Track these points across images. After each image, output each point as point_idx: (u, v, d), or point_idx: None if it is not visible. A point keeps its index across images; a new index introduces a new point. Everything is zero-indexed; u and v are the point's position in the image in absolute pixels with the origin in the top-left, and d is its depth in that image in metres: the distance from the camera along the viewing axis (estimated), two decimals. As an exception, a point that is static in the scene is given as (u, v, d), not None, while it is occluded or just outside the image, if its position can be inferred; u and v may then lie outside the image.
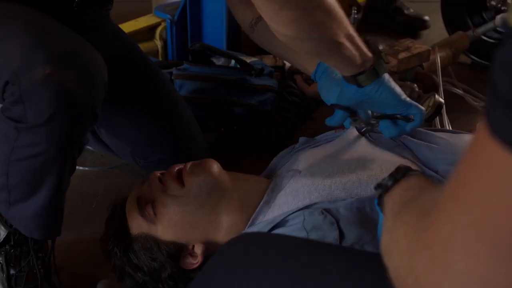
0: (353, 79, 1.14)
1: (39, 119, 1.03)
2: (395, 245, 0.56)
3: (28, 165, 1.10)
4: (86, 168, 1.71)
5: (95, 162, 1.74)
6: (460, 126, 1.91)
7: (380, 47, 1.16)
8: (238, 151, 1.77)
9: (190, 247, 1.19)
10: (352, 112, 1.22)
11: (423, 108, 1.20)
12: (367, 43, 1.14)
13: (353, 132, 1.31)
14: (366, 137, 1.30)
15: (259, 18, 1.32)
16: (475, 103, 1.99)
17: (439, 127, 1.75)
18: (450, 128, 1.76)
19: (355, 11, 1.81)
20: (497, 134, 0.41)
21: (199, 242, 1.19)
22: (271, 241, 0.85)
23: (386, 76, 1.16)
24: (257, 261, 0.80)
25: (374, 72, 1.13)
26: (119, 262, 1.22)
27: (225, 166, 1.65)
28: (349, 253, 0.82)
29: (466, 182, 0.44)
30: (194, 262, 1.19)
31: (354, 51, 1.09)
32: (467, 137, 1.25)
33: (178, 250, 1.18)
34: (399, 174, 0.77)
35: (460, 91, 1.98)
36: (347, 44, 1.07)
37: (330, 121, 1.24)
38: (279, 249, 0.81)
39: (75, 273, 1.39)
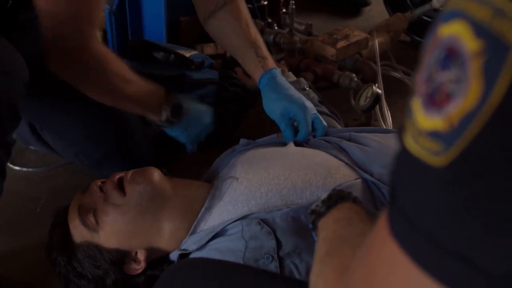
0: None
1: None
2: None
3: None
4: (30, 169, 1.70)
5: (38, 162, 1.73)
6: (399, 108, 1.96)
7: None
8: (181, 144, 1.78)
9: (133, 253, 1.21)
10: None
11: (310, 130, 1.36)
12: None
13: None
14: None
15: (211, 13, 1.45)
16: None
17: (379, 112, 1.79)
18: (389, 113, 1.80)
19: (293, 2, 1.81)
20: (395, 236, 0.43)
21: (142, 248, 1.21)
22: (211, 270, 0.88)
23: None
24: None
25: None
26: (63, 271, 1.23)
27: (169, 161, 1.67)
28: (288, 283, 0.87)
29: (368, 270, 0.47)
30: (138, 267, 1.22)
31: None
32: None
33: (121, 257, 1.21)
34: (331, 202, 0.82)
35: (398, 75, 2.02)
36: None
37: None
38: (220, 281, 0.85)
39: (23, 282, 1.38)
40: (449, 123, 0.38)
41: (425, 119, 0.39)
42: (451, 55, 0.38)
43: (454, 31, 0.38)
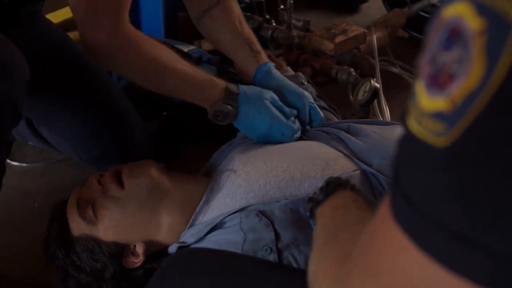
0: None
1: None
2: (317, 284, 0.60)
3: None
4: (28, 165, 1.70)
5: (36, 157, 1.73)
6: (397, 104, 1.96)
7: None
8: (180, 140, 1.78)
9: (132, 246, 1.21)
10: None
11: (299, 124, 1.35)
12: None
13: None
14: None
15: (205, 12, 1.45)
16: (412, 80, 2.03)
17: (377, 107, 1.79)
18: (387, 109, 1.80)
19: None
20: (397, 221, 0.43)
21: (140, 241, 1.21)
22: (210, 259, 0.88)
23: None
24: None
25: None
26: (61, 264, 1.23)
27: (169, 156, 1.67)
28: (287, 272, 0.87)
29: (371, 257, 0.47)
30: (136, 261, 1.21)
31: None
32: (399, 129, 1.28)
33: (120, 250, 1.20)
34: (329, 189, 0.82)
35: (396, 70, 2.02)
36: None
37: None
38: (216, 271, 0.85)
39: (22, 278, 1.38)
40: (452, 103, 0.38)
41: (428, 100, 0.39)
42: (454, 35, 0.37)
43: (457, 11, 0.37)
